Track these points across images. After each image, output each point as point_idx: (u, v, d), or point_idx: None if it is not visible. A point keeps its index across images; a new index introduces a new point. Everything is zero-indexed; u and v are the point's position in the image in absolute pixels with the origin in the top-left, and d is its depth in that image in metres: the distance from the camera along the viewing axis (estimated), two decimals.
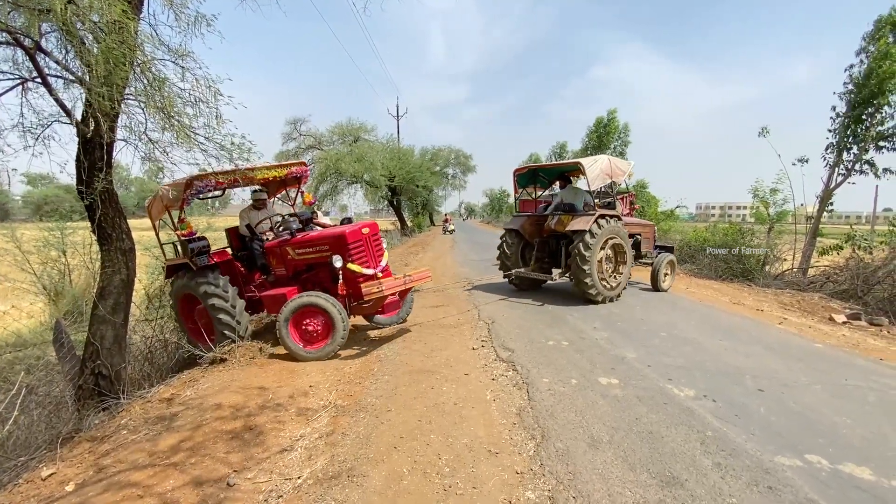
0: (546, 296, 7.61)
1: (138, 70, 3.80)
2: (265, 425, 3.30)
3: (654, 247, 8.62)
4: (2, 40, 3.49)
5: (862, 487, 2.42)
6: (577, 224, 6.74)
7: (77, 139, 4.18)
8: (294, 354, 4.72)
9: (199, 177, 4.89)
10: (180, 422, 3.43)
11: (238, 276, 5.70)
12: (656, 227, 9.46)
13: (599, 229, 6.66)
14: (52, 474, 2.94)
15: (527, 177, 8.61)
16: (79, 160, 4.20)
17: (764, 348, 4.84)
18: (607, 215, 6.94)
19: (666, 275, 8.01)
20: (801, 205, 11.62)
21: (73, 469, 2.98)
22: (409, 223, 33.65)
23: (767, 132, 11.39)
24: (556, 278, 7.48)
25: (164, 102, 3.82)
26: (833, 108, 11.27)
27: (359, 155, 23.33)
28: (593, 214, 6.75)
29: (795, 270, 10.28)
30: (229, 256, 5.75)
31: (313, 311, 4.75)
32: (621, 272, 7.22)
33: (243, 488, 2.56)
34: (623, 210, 8.14)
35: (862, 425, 3.11)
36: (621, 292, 7.23)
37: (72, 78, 3.88)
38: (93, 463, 3.01)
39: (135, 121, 4.17)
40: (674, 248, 9.17)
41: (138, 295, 6.54)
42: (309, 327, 4.77)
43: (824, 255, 9.53)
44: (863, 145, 10.79)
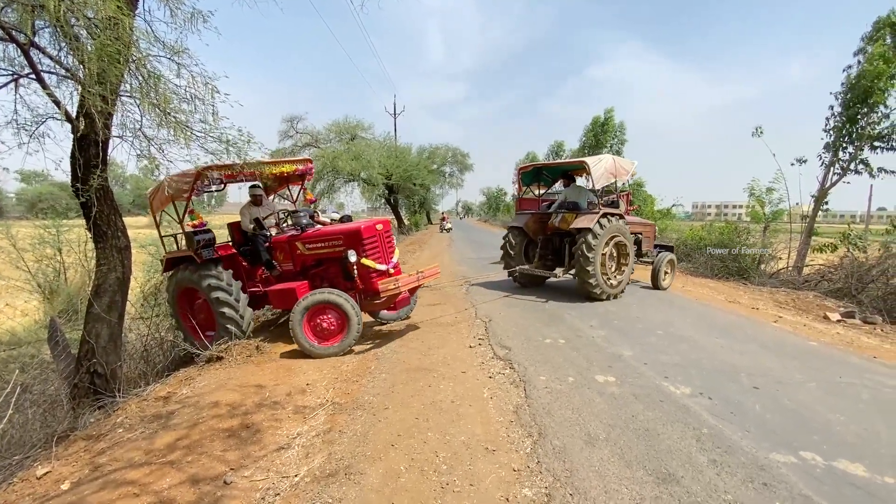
0: (543, 294, 7.63)
1: (133, 67, 3.77)
2: (262, 423, 3.30)
3: (655, 246, 8.69)
4: None
5: (856, 484, 2.44)
6: (581, 222, 6.81)
7: (72, 136, 4.15)
8: (307, 352, 4.70)
9: (210, 168, 4.84)
10: (177, 420, 3.42)
11: (241, 270, 5.67)
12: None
13: (603, 228, 6.74)
14: (48, 473, 2.93)
15: (531, 175, 8.73)
16: (73, 157, 4.17)
17: (759, 346, 4.87)
18: (611, 214, 7.01)
19: (666, 273, 8.08)
20: (797, 204, 11.70)
21: (69, 467, 2.97)
22: (407, 221, 33.62)
23: (762, 132, 11.45)
24: (559, 275, 7.53)
25: (160, 99, 3.79)
26: (830, 107, 11.35)
27: (356, 153, 23.26)
28: (597, 213, 6.83)
29: (790, 269, 10.34)
30: (233, 251, 5.71)
31: (326, 308, 4.75)
32: (623, 270, 7.29)
33: (240, 486, 2.55)
34: (625, 209, 8.20)
35: (856, 422, 3.14)
36: (623, 290, 7.31)
37: (66, 74, 3.84)
38: (88, 461, 3.00)
39: (130, 118, 4.14)
40: (673, 247, 9.24)
41: (134, 293, 6.51)
42: (324, 324, 4.77)
43: (819, 252, 9.59)
44: (858, 144, 10.86)
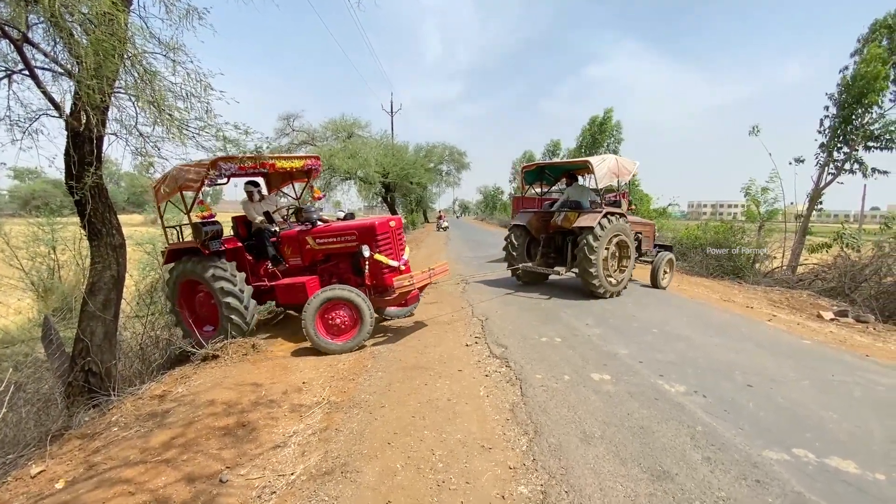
0: (540, 293, 7.65)
1: (128, 63, 3.74)
2: (258, 422, 3.29)
3: (654, 245, 8.76)
4: None
5: (847, 481, 2.47)
6: (584, 221, 6.89)
7: (66, 133, 4.11)
8: (320, 348, 4.71)
9: (225, 159, 4.81)
10: (172, 418, 3.41)
11: (245, 264, 5.66)
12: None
13: (606, 227, 6.82)
14: (42, 472, 2.91)
15: (534, 174, 8.83)
16: (68, 154, 4.14)
17: (754, 345, 4.90)
18: (613, 213, 7.08)
19: (665, 273, 8.15)
20: (792, 203, 11.78)
21: (63, 466, 2.95)
22: (403, 220, 33.52)
23: (759, 131, 11.52)
24: (563, 273, 7.63)
25: (156, 96, 3.77)
26: (825, 108, 11.44)
27: (352, 151, 23.21)
28: (600, 212, 6.90)
29: (785, 268, 10.41)
30: (238, 244, 5.70)
31: (338, 304, 4.77)
32: (625, 268, 7.37)
33: (236, 484, 2.55)
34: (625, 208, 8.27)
35: (848, 420, 3.17)
36: (625, 286, 7.41)
37: (60, 70, 3.81)
38: (83, 460, 2.98)
39: (125, 114, 4.12)
40: (673, 247, 9.32)
41: (129, 291, 6.48)
42: (337, 320, 4.79)
43: (813, 252, 9.66)
44: (852, 144, 10.96)
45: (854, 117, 10.81)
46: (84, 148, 4.12)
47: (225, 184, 6.26)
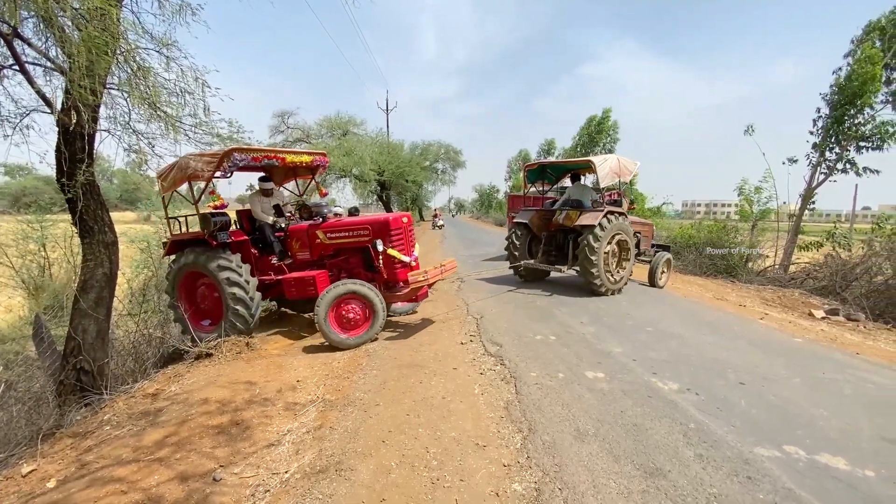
0: (537, 290, 7.67)
1: (121, 59, 3.71)
2: (252, 420, 3.28)
3: (652, 245, 8.83)
4: None
5: (837, 477, 2.50)
6: (586, 219, 6.97)
7: (57, 129, 4.07)
8: (333, 343, 4.72)
9: (238, 150, 4.79)
10: (165, 417, 3.39)
11: (251, 258, 5.63)
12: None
13: (606, 226, 6.90)
14: (33, 471, 2.89)
15: (536, 172, 8.92)
16: (59, 151, 4.10)
17: (746, 343, 4.95)
18: (614, 212, 7.16)
19: (663, 273, 8.23)
20: (784, 203, 11.89)
21: (55, 465, 2.93)
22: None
23: (753, 131, 11.61)
24: (564, 271, 7.72)
25: (150, 92, 3.74)
26: (818, 109, 11.55)
27: (348, 149, 23.11)
28: (602, 210, 6.98)
29: (777, 267, 10.52)
30: (245, 237, 5.66)
31: (350, 298, 4.79)
32: (625, 266, 7.45)
33: (230, 483, 2.54)
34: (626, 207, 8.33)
35: (838, 417, 3.21)
36: (626, 284, 7.53)
37: (51, 66, 3.77)
38: (75, 459, 2.96)
39: (118, 111, 4.08)
40: (670, 247, 9.40)
41: (121, 289, 6.42)
42: (349, 314, 4.81)
43: (805, 251, 9.76)
44: (844, 144, 11.07)
45: (846, 118, 10.92)
46: (75, 144, 4.08)
47: (228, 176, 6.24)
